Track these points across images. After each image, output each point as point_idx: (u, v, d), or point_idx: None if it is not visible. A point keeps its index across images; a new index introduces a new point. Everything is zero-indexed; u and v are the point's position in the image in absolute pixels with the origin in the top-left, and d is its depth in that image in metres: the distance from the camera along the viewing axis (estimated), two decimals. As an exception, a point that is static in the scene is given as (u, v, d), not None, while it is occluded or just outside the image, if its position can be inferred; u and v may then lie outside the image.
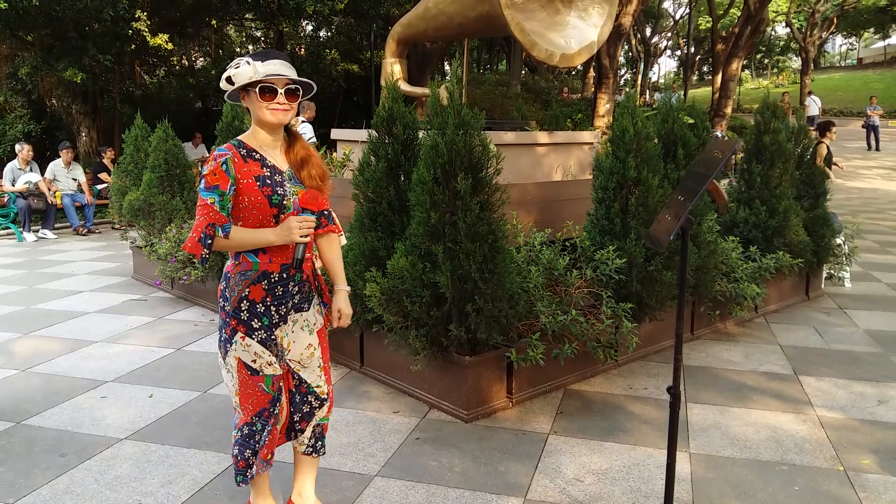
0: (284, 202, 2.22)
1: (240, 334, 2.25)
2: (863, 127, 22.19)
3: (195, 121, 16.59)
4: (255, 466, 2.39)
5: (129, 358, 4.54)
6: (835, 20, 32.70)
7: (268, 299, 2.25)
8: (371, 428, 3.44)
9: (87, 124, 13.77)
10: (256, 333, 2.26)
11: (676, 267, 4.15)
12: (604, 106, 14.69)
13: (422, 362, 3.52)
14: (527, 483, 2.91)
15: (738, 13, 22.92)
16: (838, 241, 6.23)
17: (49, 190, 10.09)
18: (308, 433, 2.50)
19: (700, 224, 4.55)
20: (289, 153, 2.30)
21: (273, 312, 2.28)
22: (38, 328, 5.23)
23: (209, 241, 2.14)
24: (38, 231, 9.95)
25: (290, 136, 2.33)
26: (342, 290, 2.45)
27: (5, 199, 10.06)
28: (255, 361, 2.28)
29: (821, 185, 6.13)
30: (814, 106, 22.29)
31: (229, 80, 2.16)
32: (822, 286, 6.30)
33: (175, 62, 19.38)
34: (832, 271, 6.46)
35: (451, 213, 3.38)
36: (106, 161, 11.44)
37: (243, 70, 2.14)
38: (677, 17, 39.60)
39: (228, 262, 2.29)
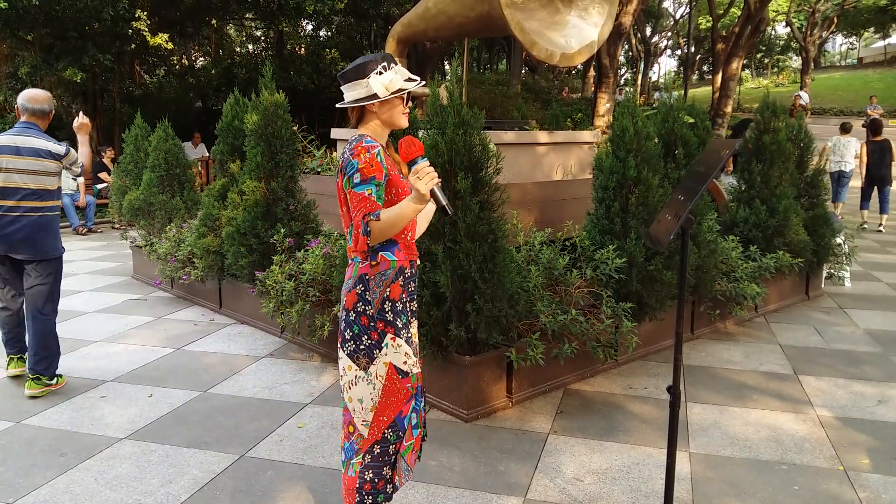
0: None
1: (390, 335, 2.19)
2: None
3: (195, 120, 16.59)
4: (396, 478, 2.26)
5: (129, 358, 4.55)
6: (835, 20, 32.69)
7: (404, 296, 2.23)
8: (371, 427, 3.43)
9: (87, 124, 13.76)
10: (402, 333, 2.22)
11: (676, 266, 4.15)
12: (604, 105, 14.67)
13: (421, 362, 3.51)
14: (527, 483, 2.91)
15: (739, 13, 22.93)
16: (838, 240, 6.23)
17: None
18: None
19: (700, 224, 4.55)
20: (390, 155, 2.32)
21: (408, 309, 2.27)
22: (37, 328, 5.22)
23: (368, 230, 2.07)
24: (37, 230, 9.94)
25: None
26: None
27: None
28: (405, 363, 2.22)
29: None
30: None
31: (384, 89, 2.15)
32: (822, 286, 6.30)
33: (175, 62, 19.41)
34: (832, 271, 6.46)
35: (451, 212, 3.38)
36: (106, 160, 11.44)
37: (394, 78, 2.15)
38: (677, 16, 39.59)
39: (361, 265, 2.18)
